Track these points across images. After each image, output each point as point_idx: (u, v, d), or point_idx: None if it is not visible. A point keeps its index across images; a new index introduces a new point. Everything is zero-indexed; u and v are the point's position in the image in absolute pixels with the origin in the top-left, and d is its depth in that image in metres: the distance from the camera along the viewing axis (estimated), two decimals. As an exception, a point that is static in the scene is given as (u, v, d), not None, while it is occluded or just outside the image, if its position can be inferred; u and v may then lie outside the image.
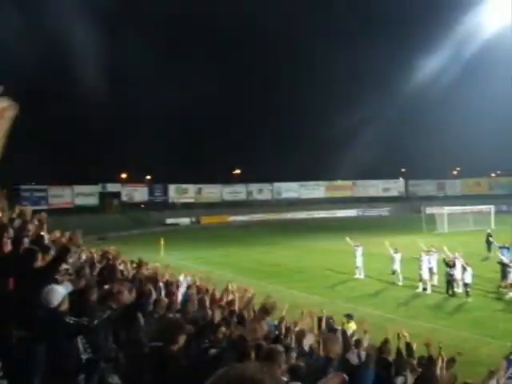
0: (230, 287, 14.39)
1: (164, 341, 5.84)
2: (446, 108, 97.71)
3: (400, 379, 9.85)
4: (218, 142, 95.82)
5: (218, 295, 14.76)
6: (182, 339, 5.94)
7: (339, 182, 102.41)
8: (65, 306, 7.00)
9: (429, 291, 26.12)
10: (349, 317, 14.07)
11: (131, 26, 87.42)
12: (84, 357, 6.80)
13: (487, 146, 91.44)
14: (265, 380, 1.51)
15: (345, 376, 5.14)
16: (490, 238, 37.24)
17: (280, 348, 6.60)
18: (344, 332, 11.97)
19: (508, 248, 29.52)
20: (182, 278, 17.22)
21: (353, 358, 10.16)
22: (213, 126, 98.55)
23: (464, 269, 24.68)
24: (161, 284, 15.39)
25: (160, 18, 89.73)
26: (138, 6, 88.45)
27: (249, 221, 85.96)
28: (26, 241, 10.34)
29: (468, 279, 24.54)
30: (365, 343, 11.08)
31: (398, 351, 11.13)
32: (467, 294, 24.36)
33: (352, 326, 13.64)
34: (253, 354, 6.35)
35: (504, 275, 25.23)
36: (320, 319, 13.23)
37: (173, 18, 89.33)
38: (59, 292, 6.91)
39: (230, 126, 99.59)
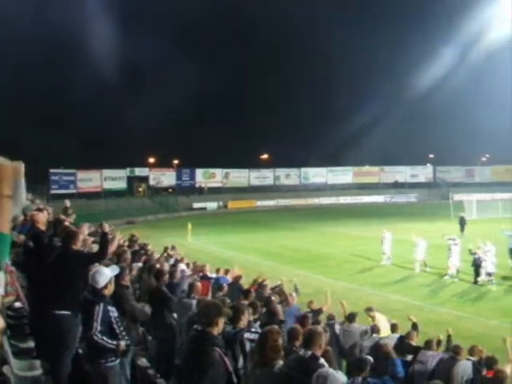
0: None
1: (203, 323, 5.87)
2: (475, 93, 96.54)
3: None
4: (245, 126, 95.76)
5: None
6: (221, 322, 5.99)
7: (367, 168, 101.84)
8: (111, 289, 7.20)
9: (456, 279, 26.00)
10: (370, 309, 14.02)
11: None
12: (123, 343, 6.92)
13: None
14: None
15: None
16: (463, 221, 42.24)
17: (320, 329, 6.66)
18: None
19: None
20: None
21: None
22: (241, 110, 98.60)
23: (488, 257, 24.56)
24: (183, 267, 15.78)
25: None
26: None
27: (276, 206, 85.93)
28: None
29: (491, 268, 24.44)
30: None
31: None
32: (491, 282, 24.27)
33: (379, 317, 13.64)
34: (282, 338, 6.36)
35: None
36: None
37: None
38: (106, 274, 7.13)
39: (259, 111, 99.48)
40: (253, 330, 7.97)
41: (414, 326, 11.75)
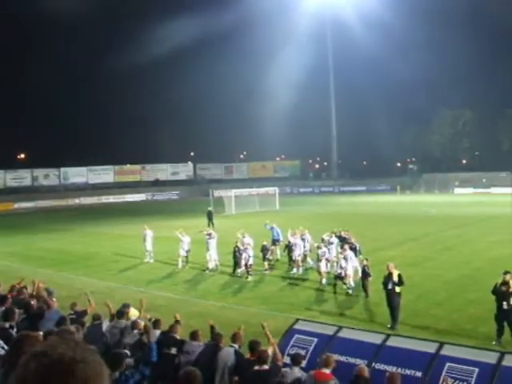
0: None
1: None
2: (228, 96, 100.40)
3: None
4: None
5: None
6: None
7: (128, 167, 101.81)
8: None
9: (217, 272, 27.06)
10: (126, 306, 14.12)
11: None
12: None
13: (272, 132, 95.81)
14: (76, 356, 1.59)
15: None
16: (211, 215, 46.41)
17: (72, 329, 6.64)
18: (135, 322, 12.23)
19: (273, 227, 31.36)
20: None
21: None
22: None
23: (247, 250, 25.89)
24: None
25: None
26: None
27: (35, 207, 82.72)
28: None
29: (249, 260, 25.79)
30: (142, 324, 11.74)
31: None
32: (248, 273, 25.59)
33: (134, 313, 13.81)
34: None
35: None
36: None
37: None
38: None
39: (14, 107, 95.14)
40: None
41: (177, 321, 12.11)
